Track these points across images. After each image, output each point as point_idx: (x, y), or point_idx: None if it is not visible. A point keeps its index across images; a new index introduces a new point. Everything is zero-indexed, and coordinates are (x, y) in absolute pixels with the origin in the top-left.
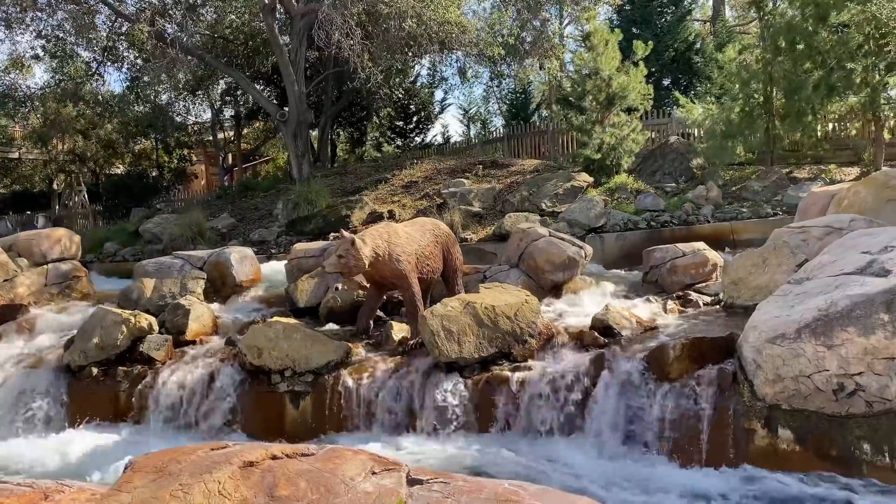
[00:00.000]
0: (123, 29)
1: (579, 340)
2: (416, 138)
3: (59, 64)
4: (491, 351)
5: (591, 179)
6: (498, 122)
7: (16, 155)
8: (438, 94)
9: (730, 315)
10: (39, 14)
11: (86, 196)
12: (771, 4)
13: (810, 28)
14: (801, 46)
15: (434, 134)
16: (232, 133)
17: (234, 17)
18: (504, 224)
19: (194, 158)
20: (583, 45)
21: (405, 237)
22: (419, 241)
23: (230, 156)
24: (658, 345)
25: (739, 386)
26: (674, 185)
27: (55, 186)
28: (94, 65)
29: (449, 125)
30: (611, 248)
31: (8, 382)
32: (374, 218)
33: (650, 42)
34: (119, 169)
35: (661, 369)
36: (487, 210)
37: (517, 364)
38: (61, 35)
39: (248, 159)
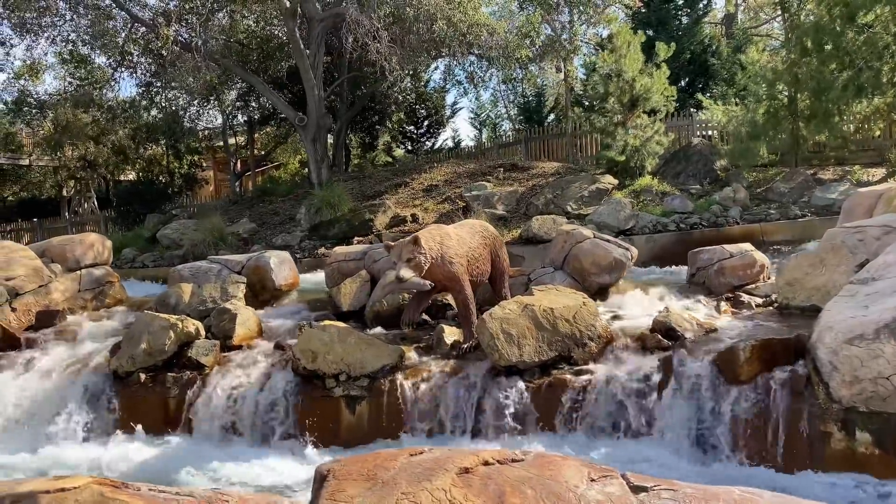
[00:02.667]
0: (138, 34)
1: (641, 343)
2: (427, 143)
3: (75, 69)
4: (551, 355)
5: (615, 181)
6: (507, 126)
7: (26, 162)
8: (449, 98)
9: (785, 316)
10: (56, 20)
11: (95, 203)
12: (796, 5)
13: (838, 28)
14: (828, 47)
15: (445, 138)
16: (241, 139)
17: (250, 22)
18: (531, 227)
19: (204, 164)
20: (599, 47)
21: (456, 239)
22: (469, 243)
23: (240, 161)
24: (727, 347)
25: (814, 388)
26: (698, 186)
27: (65, 193)
28: (109, 70)
29: (459, 129)
30: (640, 250)
31: (55, 388)
32: (397, 222)
33: (673, 44)
34: (130, 175)
35: (732, 371)
36: (511, 213)
37: (579, 368)
38: (77, 41)
39: (259, 164)
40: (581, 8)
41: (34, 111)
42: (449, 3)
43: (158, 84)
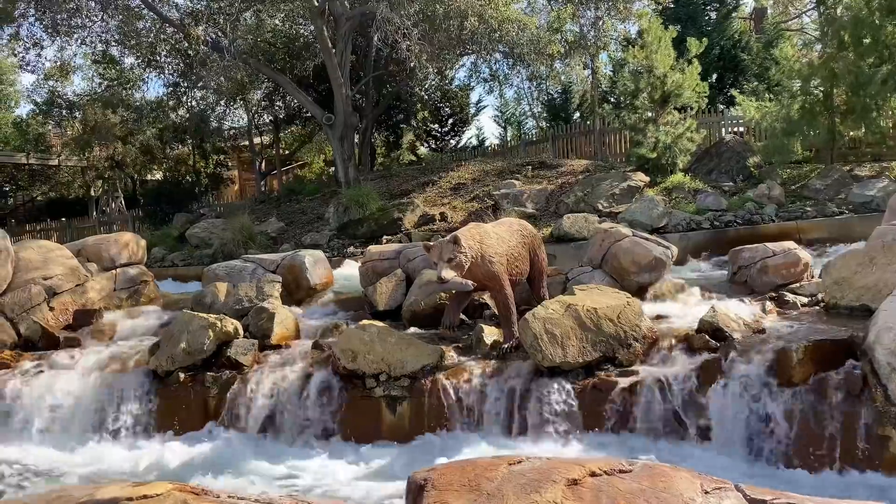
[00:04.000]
0: (165, 35)
1: (687, 344)
2: (451, 141)
3: (105, 70)
4: (595, 355)
5: (646, 179)
6: (530, 124)
7: (55, 162)
8: (473, 97)
9: (833, 316)
10: (86, 21)
11: (122, 202)
12: None
13: (877, 21)
14: (867, 41)
15: (469, 137)
16: (266, 138)
17: (276, 21)
18: (563, 225)
19: (229, 164)
20: (626, 44)
21: (496, 238)
22: (508, 241)
23: (265, 161)
24: (779, 348)
25: (871, 390)
26: (731, 184)
27: (92, 193)
28: (138, 70)
29: (483, 127)
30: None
31: (96, 388)
32: (426, 220)
33: (704, 39)
34: (156, 175)
35: (784, 373)
36: (541, 211)
37: (624, 369)
38: (108, 41)
39: (283, 164)
40: (610, 2)
41: (64, 112)
42: None
43: (185, 84)
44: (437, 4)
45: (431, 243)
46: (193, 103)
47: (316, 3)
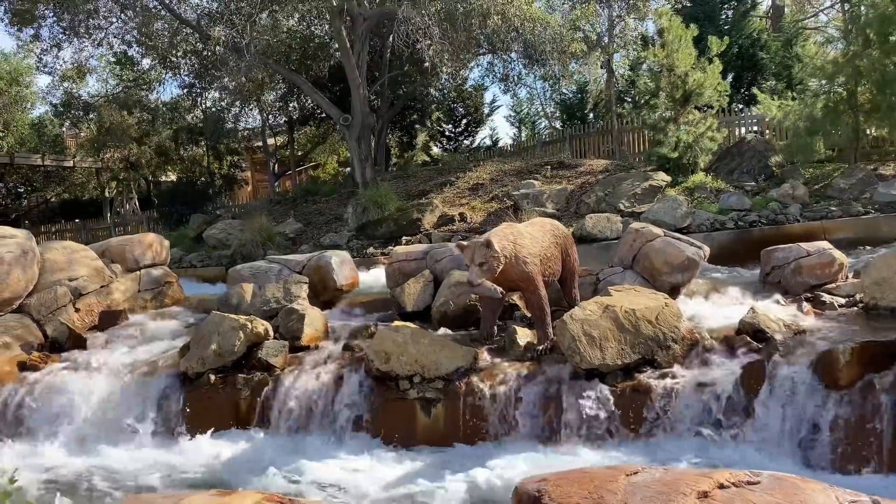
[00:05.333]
0: (182, 35)
1: (728, 345)
2: (465, 141)
3: (121, 71)
4: (634, 357)
5: (668, 179)
6: (544, 124)
7: (70, 163)
8: (487, 97)
9: (873, 317)
10: (103, 22)
11: (137, 203)
12: None
13: None
14: (893, 38)
15: (483, 137)
16: (280, 139)
17: (292, 21)
18: (585, 225)
19: (243, 165)
20: (643, 42)
21: (529, 238)
22: (541, 242)
23: (278, 162)
24: (824, 349)
25: None
26: (753, 183)
27: (107, 194)
28: (155, 71)
29: (497, 128)
30: None
31: (126, 390)
32: (445, 221)
33: (725, 38)
34: (170, 176)
35: (831, 375)
36: (561, 211)
37: (664, 371)
38: (125, 42)
39: (297, 165)
40: (630, 1)
41: (80, 113)
42: None
43: (201, 85)
44: (459, 4)
45: (465, 243)
46: (209, 104)
47: (334, 3)
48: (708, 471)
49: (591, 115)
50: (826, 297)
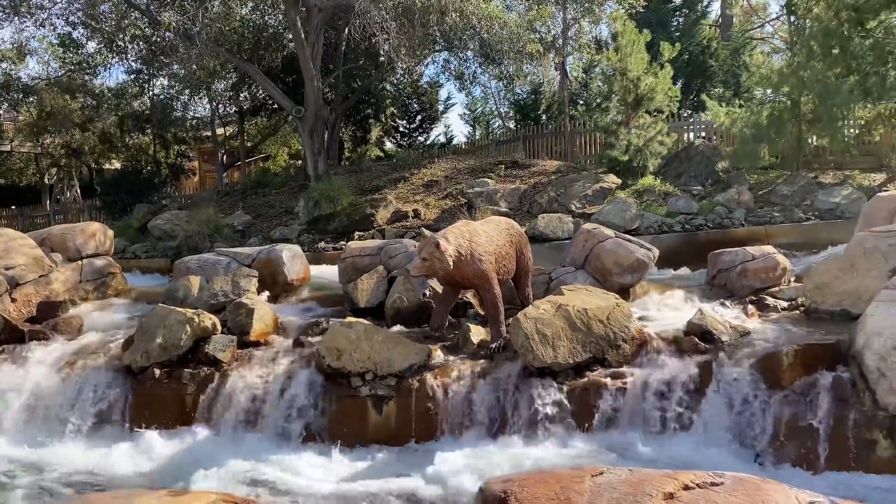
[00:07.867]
0: (130, 19)
1: (676, 346)
2: (419, 138)
3: (64, 53)
4: (585, 356)
5: (618, 181)
6: (498, 123)
7: (7, 148)
8: (443, 94)
9: (814, 320)
10: (47, 2)
11: (78, 191)
12: (803, 8)
13: (846, 32)
14: (836, 51)
15: (437, 134)
16: (229, 129)
17: (245, 10)
18: (538, 225)
19: (190, 155)
20: (597, 45)
21: (485, 236)
22: (497, 240)
23: (227, 153)
24: (769, 351)
25: (859, 394)
26: (700, 188)
27: (46, 181)
28: (101, 55)
29: (452, 125)
30: None
31: (65, 384)
32: (399, 217)
33: (676, 44)
34: (115, 164)
35: (773, 376)
36: (514, 210)
37: (615, 370)
38: (69, 23)
39: (247, 156)
40: (586, 4)
41: (19, 95)
42: None
43: (149, 71)
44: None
45: (427, 233)
46: (157, 91)
47: None
48: (673, 472)
49: (545, 117)
50: (770, 301)
